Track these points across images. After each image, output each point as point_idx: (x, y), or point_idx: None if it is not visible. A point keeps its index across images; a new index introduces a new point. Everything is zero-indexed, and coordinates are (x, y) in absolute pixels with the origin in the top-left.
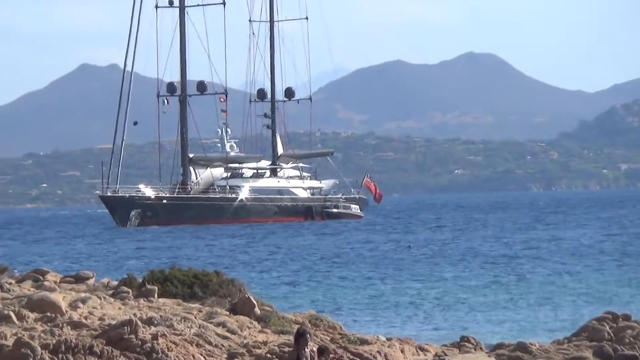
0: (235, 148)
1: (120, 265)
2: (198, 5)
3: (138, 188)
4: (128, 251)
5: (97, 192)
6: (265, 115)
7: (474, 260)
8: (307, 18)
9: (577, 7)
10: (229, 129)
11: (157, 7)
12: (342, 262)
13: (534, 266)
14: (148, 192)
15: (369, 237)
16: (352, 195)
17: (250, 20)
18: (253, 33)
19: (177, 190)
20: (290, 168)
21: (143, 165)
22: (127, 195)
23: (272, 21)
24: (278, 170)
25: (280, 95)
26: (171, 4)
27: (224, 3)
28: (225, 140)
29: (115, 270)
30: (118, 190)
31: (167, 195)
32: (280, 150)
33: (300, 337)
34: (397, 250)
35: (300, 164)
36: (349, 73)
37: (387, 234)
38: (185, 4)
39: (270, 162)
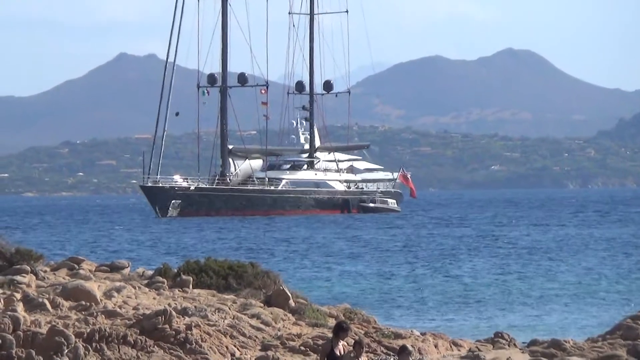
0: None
1: (157, 255)
2: None
3: (173, 179)
4: (166, 241)
5: (134, 181)
6: (304, 108)
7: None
8: (347, 11)
9: (617, 5)
10: (303, 121)
11: None
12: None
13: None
14: (179, 181)
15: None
16: (388, 189)
17: (290, 13)
18: (293, 25)
19: (216, 181)
20: (327, 161)
21: (180, 156)
22: (168, 185)
23: (312, 14)
24: (315, 162)
25: (318, 88)
26: None
27: None
28: (301, 132)
29: (152, 259)
30: (159, 181)
31: (207, 186)
32: (317, 142)
33: (342, 331)
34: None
35: (335, 155)
36: (388, 68)
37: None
38: None
39: (307, 154)
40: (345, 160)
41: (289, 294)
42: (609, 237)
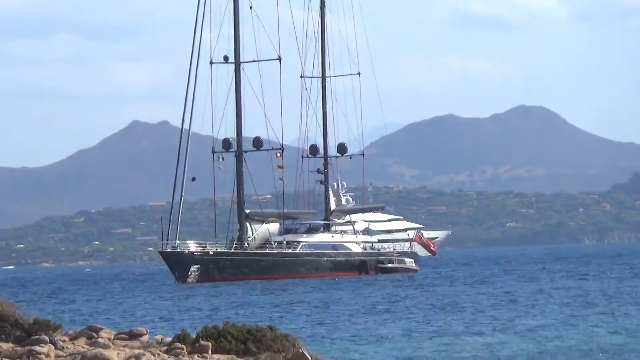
0: (352, 201)
1: (175, 321)
2: (254, 61)
3: (187, 244)
4: (184, 307)
5: (150, 248)
6: (319, 171)
7: None
8: (359, 73)
9: (628, 59)
10: (344, 182)
11: (211, 63)
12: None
13: None
14: (192, 247)
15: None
16: (405, 250)
17: (301, 77)
18: (306, 89)
19: (234, 246)
20: (344, 222)
21: (195, 222)
22: (187, 251)
23: (323, 77)
24: (331, 225)
25: (332, 150)
26: (226, 60)
27: (279, 59)
28: (341, 194)
29: (171, 325)
30: (177, 246)
31: (225, 251)
32: (332, 205)
33: None
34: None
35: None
36: (401, 128)
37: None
38: (241, 60)
39: (324, 217)
40: (386, 221)
41: (309, 357)
42: None
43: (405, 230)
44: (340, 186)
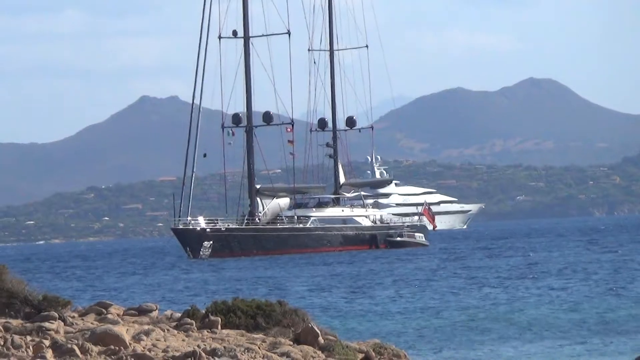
0: (386, 174)
1: (185, 297)
2: (263, 35)
3: (197, 221)
4: (196, 282)
5: (160, 224)
6: (328, 145)
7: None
8: (367, 46)
9: (637, 31)
10: (378, 156)
11: (220, 37)
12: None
13: None
14: (202, 223)
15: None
16: (414, 224)
17: (309, 50)
18: (314, 62)
19: (245, 221)
20: (402, 194)
21: (205, 197)
22: (199, 227)
23: (332, 50)
24: (341, 199)
25: (341, 124)
26: (235, 34)
27: (288, 33)
28: (376, 167)
29: (181, 301)
30: (189, 223)
31: (237, 226)
32: (342, 179)
33: None
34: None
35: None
36: (410, 101)
37: None
38: (250, 35)
39: (333, 191)
40: (420, 194)
41: (318, 331)
42: None
43: (439, 203)
44: (374, 159)
